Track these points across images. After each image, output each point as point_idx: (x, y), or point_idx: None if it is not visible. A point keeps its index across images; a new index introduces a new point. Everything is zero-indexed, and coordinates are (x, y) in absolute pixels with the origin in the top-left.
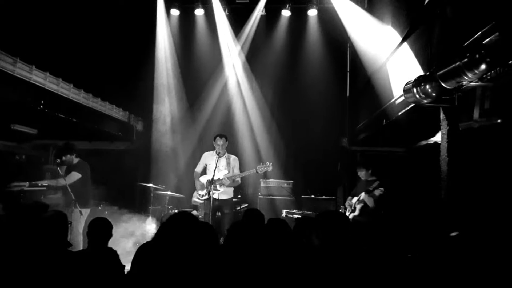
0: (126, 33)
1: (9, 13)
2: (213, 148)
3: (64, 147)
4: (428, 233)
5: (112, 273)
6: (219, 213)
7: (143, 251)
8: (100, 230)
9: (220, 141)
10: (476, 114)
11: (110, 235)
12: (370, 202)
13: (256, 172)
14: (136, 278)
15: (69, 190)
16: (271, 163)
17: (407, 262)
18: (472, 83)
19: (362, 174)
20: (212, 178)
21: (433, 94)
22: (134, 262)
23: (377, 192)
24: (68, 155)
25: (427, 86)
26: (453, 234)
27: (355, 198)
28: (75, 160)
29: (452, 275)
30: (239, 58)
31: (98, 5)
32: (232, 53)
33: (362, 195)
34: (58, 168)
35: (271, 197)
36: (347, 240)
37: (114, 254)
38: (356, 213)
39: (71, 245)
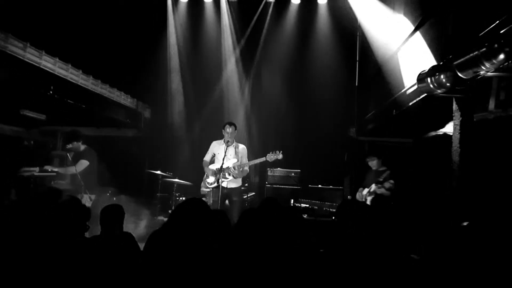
0: (135, 20)
1: None
2: (221, 137)
3: (71, 135)
4: (436, 223)
5: (128, 257)
6: (228, 201)
7: (155, 238)
8: (112, 215)
9: (229, 129)
10: (491, 105)
11: (122, 221)
12: (384, 193)
13: (266, 160)
14: (148, 264)
15: (79, 177)
16: (281, 152)
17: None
18: (489, 73)
19: (373, 163)
20: (221, 167)
21: (447, 84)
22: (146, 249)
23: (386, 185)
24: (75, 142)
25: (442, 76)
26: (464, 223)
27: (366, 190)
28: (82, 147)
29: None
30: (247, 46)
31: None
32: (240, 41)
33: (373, 187)
34: (68, 154)
35: (278, 186)
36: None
37: (130, 238)
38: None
39: (89, 227)
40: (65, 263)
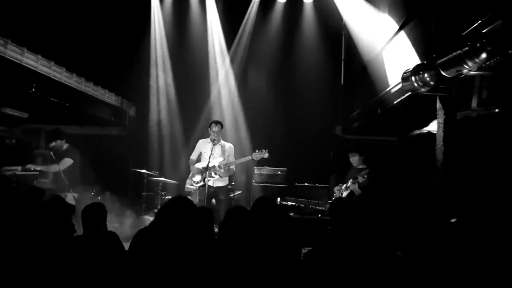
0: (119, 17)
1: None
2: (207, 136)
3: (53, 133)
4: (420, 221)
5: (112, 256)
6: (214, 200)
7: (141, 237)
8: (95, 214)
9: (215, 128)
10: (474, 103)
11: (105, 219)
12: (355, 189)
13: (252, 159)
14: (133, 263)
15: (63, 175)
16: (266, 150)
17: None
18: (472, 72)
19: (354, 159)
20: (207, 165)
21: (431, 83)
22: (132, 248)
23: (360, 179)
24: (58, 141)
25: (426, 75)
26: (452, 220)
27: (344, 186)
28: (65, 145)
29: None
30: (232, 44)
31: None
32: (225, 40)
33: (349, 182)
34: (51, 153)
35: (264, 184)
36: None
37: (114, 237)
38: None
39: (75, 231)
40: (49, 263)
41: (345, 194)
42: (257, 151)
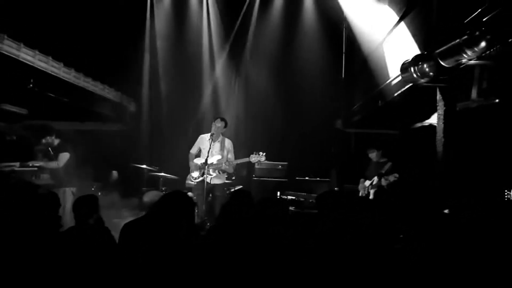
0: (118, 12)
1: None
2: (208, 131)
3: (41, 129)
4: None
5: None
6: (211, 196)
7: (129, 229)
8: (85, 206)
9: (219, 124)
10: (474, 93)
11: (96, 211)
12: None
13: (250, 161)
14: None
15: (60, 171)
16: (264, 154)
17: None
18: (471, 62)
19: (373, 155)
20: (206, 162)
21: (431, 74)
22: (120, 239)
23: (391, 178)
24: (48, 137)
25: (425, 65)
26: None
27: (368, 182)
28: (56, 141)
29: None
30: (232, 38)
31: None
32: (225, 33)
33: (375, 179)
34: (49, 149)
35: (265, 179)
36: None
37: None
38: (371, 197)
39: (62, 226)
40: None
41: (372, 191)
42: (254, 153)
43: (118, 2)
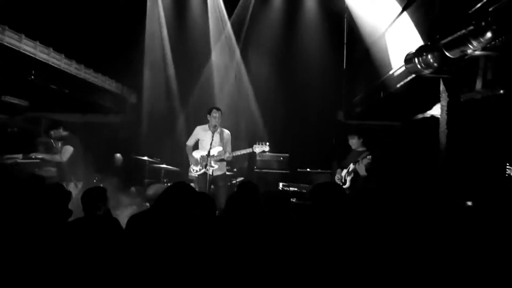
0: (118, 3)
1: None
2: (206, 122)
3: (52, 123)
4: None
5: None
6: (213, 187)
7: (136, 222)
8: (93, 197)
9: (216, 114)
10: (478, 84)
11: (104, 202)
12: (361, 170)
13: (253, 151)
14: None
15: (65, 164)
16: (267, 144)
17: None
18: (476, 52)
19: (353, 142)
20: (208, 153)
21: (435, 64)
22: (126, 233)
23: (364, 161)
24: (55, 130)
25: (429, 56)
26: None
27: (344, 171)
28: (64, 133)
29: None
30: (232, 29)
31: None
32: (225, 24)
33: (351, 166)
34: (52, 141)
35: (267, 170)
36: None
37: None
38: (347, 185)
39: (71, 212)
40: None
41: (348, 179)
42: (257, 143)
43: None
